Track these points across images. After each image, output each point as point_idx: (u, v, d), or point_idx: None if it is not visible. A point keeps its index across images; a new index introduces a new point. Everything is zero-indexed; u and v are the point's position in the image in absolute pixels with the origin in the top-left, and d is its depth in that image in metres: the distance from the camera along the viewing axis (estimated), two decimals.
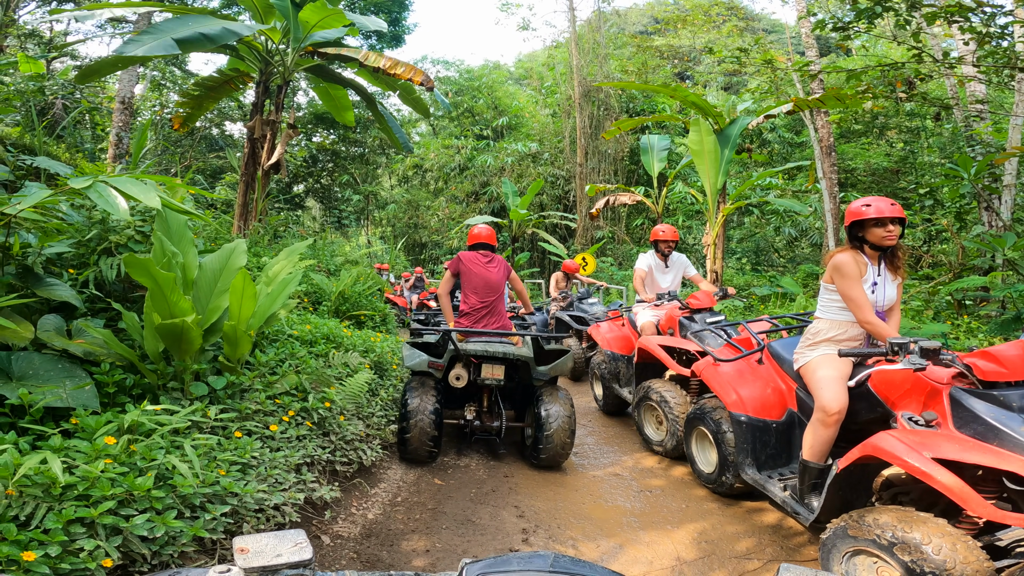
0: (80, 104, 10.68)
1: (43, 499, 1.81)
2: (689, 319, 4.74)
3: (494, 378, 4.04)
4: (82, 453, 1.98)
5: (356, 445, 3.57)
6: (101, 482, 1.85)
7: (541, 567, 0.64)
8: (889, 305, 2.91)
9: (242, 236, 8.09)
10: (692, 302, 4.78)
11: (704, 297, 4.80)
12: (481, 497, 3.70)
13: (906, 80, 6.78)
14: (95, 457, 1.97)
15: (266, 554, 0.69)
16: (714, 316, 4.69)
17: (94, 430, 2.12)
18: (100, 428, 2.11)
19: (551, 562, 0.65)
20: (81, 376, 2.45)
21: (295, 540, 0.71)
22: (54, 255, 3.11)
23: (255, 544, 0.70)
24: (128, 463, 2.05)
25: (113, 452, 1.99)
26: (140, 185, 2.04)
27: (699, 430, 3.73)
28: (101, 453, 1.98)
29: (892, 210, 2.74)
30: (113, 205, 1.93)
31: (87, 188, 1.95)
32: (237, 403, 2.82)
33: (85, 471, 1.85)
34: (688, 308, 4.80)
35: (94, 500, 1.84)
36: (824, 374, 2.73)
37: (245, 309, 2.69)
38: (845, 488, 2.52)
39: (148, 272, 2.28)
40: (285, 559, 0.68)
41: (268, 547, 0.70)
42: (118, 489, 1.88)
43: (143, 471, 2.04)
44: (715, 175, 9.07)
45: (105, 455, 1.99)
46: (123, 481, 1.91)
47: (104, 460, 1.93)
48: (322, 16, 7.52)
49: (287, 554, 0.69)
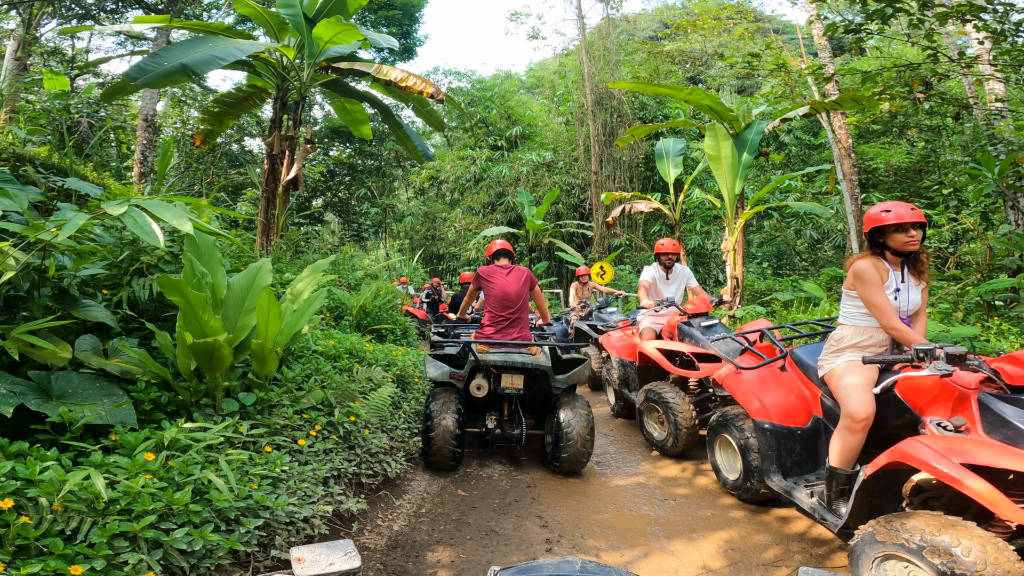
0: (105, 123, 10.96)
1: (87, 514, 1.87)
2: (687, 324, 5.01)
3: (513, 387, 4.14)
4: (123, 469, 2.05)
5: (381, 458, 3.62)
6: (142, 497, 1.91)
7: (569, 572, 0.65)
8: (914, 310, 2.88)
9: (265, 253, 8.23)
10: (688, 307, 5.10)
11: (699, 303, 5.10)
12: (504, 507, 3.72)
13: (923, 80, 6.71)
14: (136, 473, 2.04)
15: (320, 563, 0.73)
16: (708, 320, 4.97)
17: (133, 446, 2.19)
18: (139, 444, 2.18)
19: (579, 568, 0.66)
20: (119, 394, 2.53)
21: (345, 550, 0.77)
22: (88, 276, 3.22)
23: (310, 554, 0.75)
24: (167, 478, 2.11)
25: (153, 468, 2.06)
26: (172, 209, 2.11)
27: (723, 438, 3.72)
28: (141, 469, 2.05)
29: (913, 215, 2.72)
30: (150, 233, 2.00)
31: (123, 214, 2.02)
32: (266, 418, 2.89)
33: (127, 486, 1.92)
34: (685, 314, 5.09)
35: (136, 515, 1.90)
36: (850, 381, 2.71)
37: (272, 327, 2.75)
38: (873, 494, 2.50)
39: (181, 292, 2.36)
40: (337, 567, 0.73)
41: (322, 556, 0.75)
42: (158, 504, 1.94)
43: (181, 486, 2.11)
44: (733, 180, 9.03)
45: (145, 471, 2.05)
46: (163, 496, 1.97)
47: (145, 476, 1.99)
48: (336, 32, 7.66)
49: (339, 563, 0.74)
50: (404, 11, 20.95)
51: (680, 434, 4.45)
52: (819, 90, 13.46)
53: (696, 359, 4.55)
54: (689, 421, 4.45)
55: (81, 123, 10.68)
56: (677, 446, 4.50)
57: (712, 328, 4.85)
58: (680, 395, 4.57)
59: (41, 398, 2.42)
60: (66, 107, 10.79)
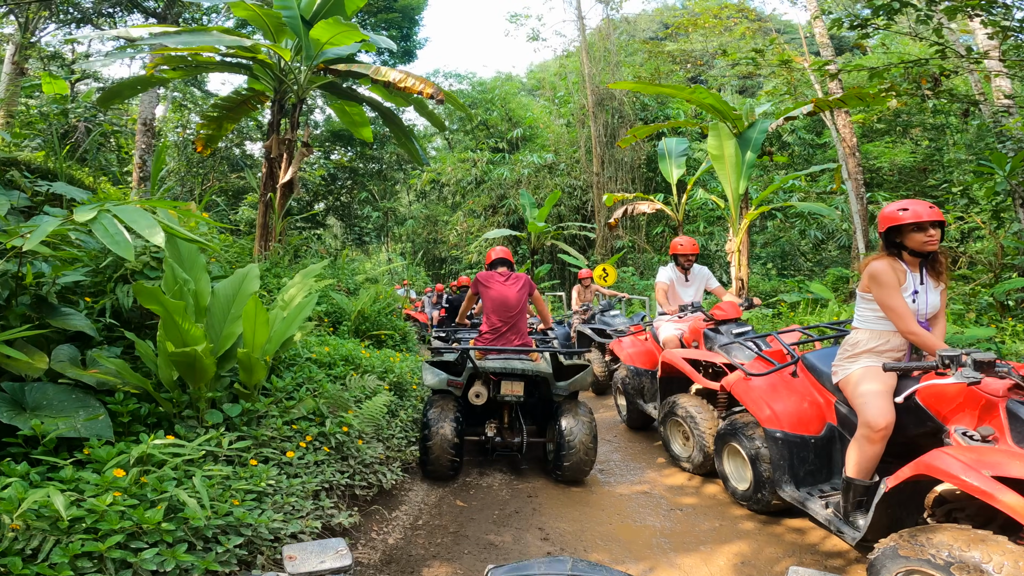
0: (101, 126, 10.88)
1: (50, 532, 1.76)
2: (714, 331, 4.59)
3: (513, 395, 4.03)
4: (92, 485, 1.93)
5: (376, 468, 3.49)
6: (109, 515, 1.80)
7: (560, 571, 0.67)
8: (932, 313, 2.74)
9: (262, 257, 8.12)
10: (717, 313, 4.64)
11: (729, 308, 4.65)
12: (504, 519, 3.59)
13: (931, 77, 6.56)
14: (105, 489, 1.92)
15: (311, 560, 0.75)
16: (740, 327, 4.53)
17: (105, 461, 2.06)
18: (111, 459, 2.06)
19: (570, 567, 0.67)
20: (95, 406, 2.41)
21: (336, 548, 0.78)
22: (71, 284, 3.10)
23: (301, 552, 0.76)
24: (139, 495, 1.99)
25: (123, 484, 1.94)
26: (146, 217, 1.99)
27: (731, 446, 3.57)
28: (111, 485, 1.93)
29: (931, 213, 2.58)
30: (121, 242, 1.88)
31: (92, 221, 1.90)
32: (253, 430, 2.76)
33: (93, 504, 1.80)
34: (712, 320, 4.65)
35: (103, 533, 1.78)
36: (867, 388, 2.56)
37: (259, 335, 2.63)
38: (894, 506, 2.36)
39: (158, 300, 2.23)
40: (328, 565, 0.74)
41: (313, 554, 0.76)
42: (127, 522, 1.83)
43: (154, 503, 1.98)
44: (737, 180, 8.88)
45: (115, 487, 1.93)
46: (132, 514, 1.86)
47: (113, 493, 1.87)
48: (334, 32, 7.55)
49: (330, 560, 0.75)
50: (404, 14, 20.87)
51: (706, 451, 4.08)
52: (822, 88, 13.33)
53: (728, 369, 4.08)
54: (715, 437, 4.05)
55: (78, 127, 10.60)
56: (704, 463, 4.12)
57: (744, 336, 4.37)
58: (707, 409, 4.18)
59: (14, 410, 2.30)
60: (63, 111, 10.72)
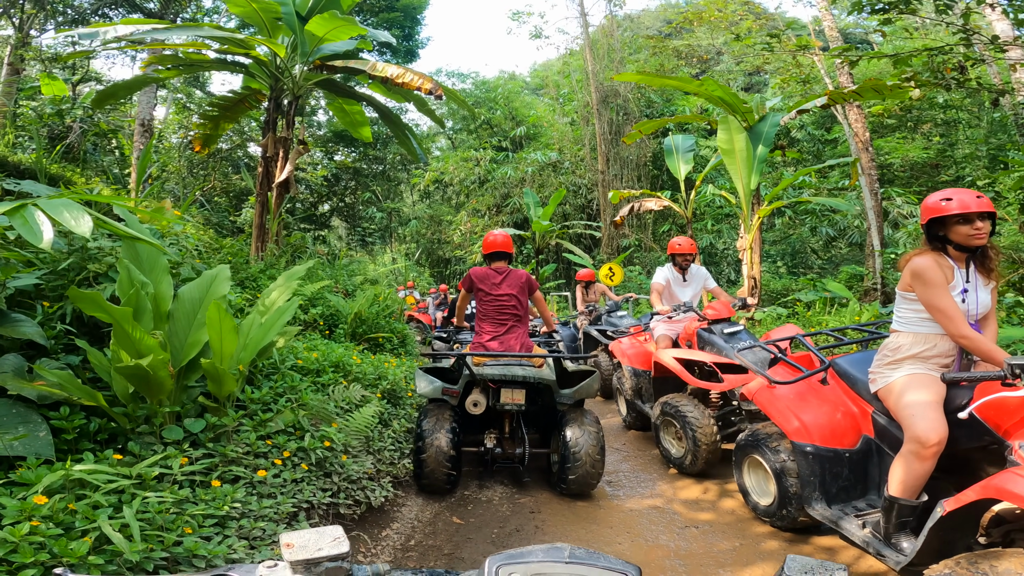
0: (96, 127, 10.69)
1: None
2: (707, 331, 4.53)
3: (514, 403, 3.74)
4: (12, 511, 1.67)
5: (363, 484, 3.21)
6: (23, 547, 1.53)
7: (558, 558, 0.66)
8: (983, 313, 2.43)
9: (259, 258, 7.88)
10: (708, 313, 4.63)
11: (721, 307, 4.63)
12: (504, 538, 3.30)
13: (957, 65, 6.22)
14: (26, 517, 1.65)
15: (309, 548, 0.72)
16: (732, 327, 4.47)
17: (32, 484, 1.79)
18: (40, 482, 1.79)
19: (567, 554, 0.67)
20: (36, 422, 2.14)
21: (334, 535, 0.75)
22: (29, 287, 2.84)
23: (299, 539, 0.74)
24: (68, 523, 1.73)
25: (43, 512, 1.67)
26: (73, 208, 1.73)
27: (752, 459, 3.26)
28: (32, 512, 1.66)
29: (979, 203, 2.29)
30: (35, 234, 1.62)
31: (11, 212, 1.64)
32: (221, 446, 2.48)
33: (5, 534, 1.54)
34: (705, 320, 4.61)
35: (16, 566, 1.52)
36: (915, 398, 2.25)
37: (227, 343, 2.35)
38: (947, 528, 2.06)
39: (101, 307, 1.96)
40: (326, 552, 0.72)
41: (311, 542, 0.74)
42: (43, 555, 1.56)
43: (86, 532, 1.72)
44: (748, 175, 8.55)
45: (38, 515, 1.66)
46: (54, 545, 1.59)
47: (31, 522, 1.61)
48: (331, 27, 7.31)
49: (327, 548, 0.73)
50: (405, 13, 20.67)
51: (700, 451, 4.01)
52: (833, 82, 12.99)
53: (719, 369, 4.08)
54: (710, 437, 4.00)
55: (73, 128, 10.41)
56: (696, 464, 4.06)
57: (736, 335, 4.37)
58: (700, 409, 4.13)
59: None
60: (58, 112, 10.54)
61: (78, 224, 1.69)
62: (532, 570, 0.66)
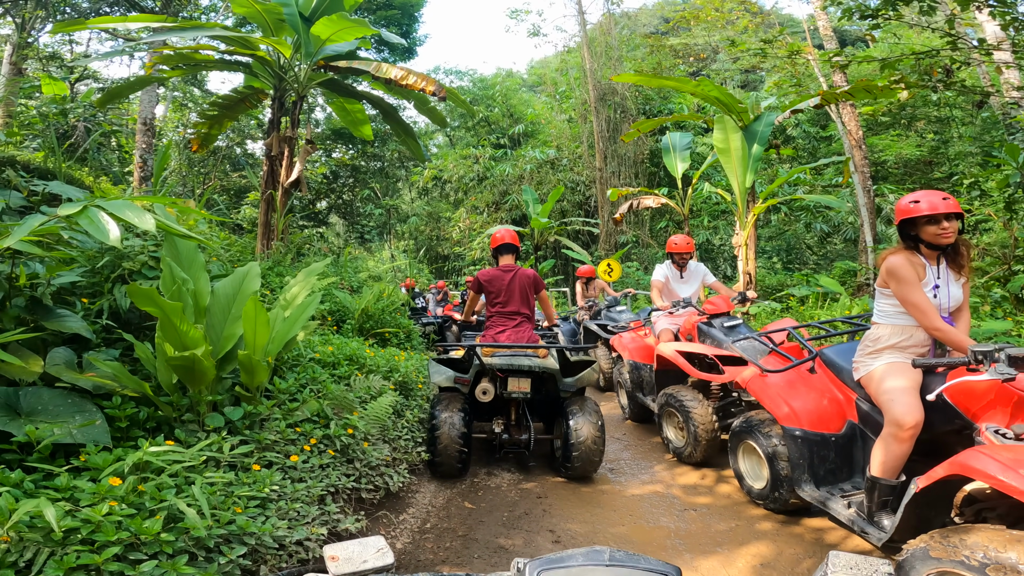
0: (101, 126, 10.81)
1: (44, 544, 1.67)
2: (707, 325, 4.72)
3: (520, 391, 4.00)
4: (88, 494, 1.85)
5: (382, 471, 3.41)
6: (105, 526, 1.72)
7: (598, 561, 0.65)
8: (956, 306, 2.64)
9: (265, 256, 8.04)
10: (707, 307, 4.80)
11: (720, 302, 4.80)
12: (513, 521, 3.51)
13: (944, 68, 6.44)
14: (101, 498, 1.84)
15: (354, 560, 0.73)
16: (731, 320, 4.65)
17: (101, 469, 1.98)
18: (108, 466, 1.97)
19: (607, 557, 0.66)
20: (91, 411, 2.33)
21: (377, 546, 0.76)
22: (67, 284, 3.02)
23: (343, 552, 0.75)
24: (137, 504, 1.91)
25: (119, 493, 1.85)
26: (135, 209, 1.91)
27: (746, 444, 3.48)
28: (107, 494, 1.85)
29: (946, 205, 2.48)
30: (104, 232, 1.80)
31: (78, 215, 1.82)
32: (256, 433, 2.68)
33: (88, 514, 1.72)
34: (704, 314, 4.79)
35: (99, 545, 1.70)
36: (893, 384, 2.47)
37: (260, 336, 2.54)
38: (922, 506, 2.27)
39: (154, 302, 2.15)
40: (371, 564, 0.73)
41: (355, 554, 0.75)
42: (124, 533, 1.74)
43: (153, 512, 1.90)
44: (743, 173, 8.76)
45: (112, 496, 1.85)
46: (130, 524, 1.77)
47: (109, 502, 1.79)
48: (336, 28, 7.45)
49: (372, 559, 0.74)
50: (403, 11, 20.74)
51: (700, 441, 4.21)
52: (827, 81, 13.19)
53: (720, 361, 4.26)
54: (709, 428, 4.19)
55: (77, 127, 10.54)
56: (696, 454, 4.26)
57: (735, 328, 4.55)
58: (700, 400, 4.30)
59: (8, 416, 2.22)
60: (62, 111, 10.65)
61: (142, 222, 1.87)
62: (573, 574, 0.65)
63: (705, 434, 4.19)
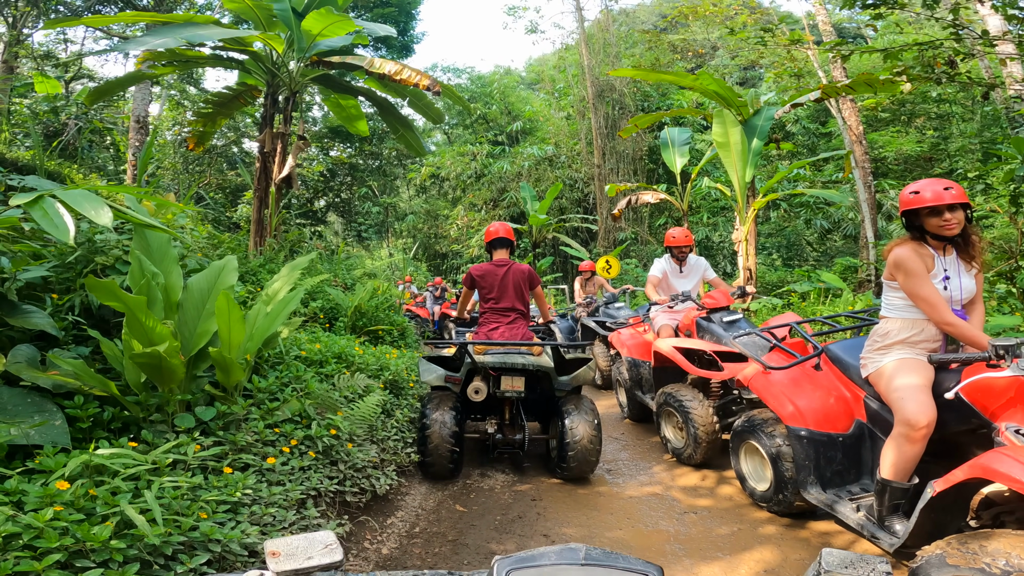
0: (91, 124, 10.67)
1: None
2: (706, 320, 4.57)
3: (514, 390, 3.87)
4: (33, 498, 1.72)
5: (368, 473, 3.27)
6: (47, 532, 1.58)
7: (573, 560, 0.63)
8: (968, 299, 2.50)
9: (258, 253, 7.91)
10: (707, 302, 4.66)
11: (719, 296, 4.66)
12: (506, 525, 3.37)
13: (948, 59, 6.29)
14: (48, 502, 1.71)
15: (297, 556, 0.68)
16: (731, 315, 4.51)
17: (52, 471, 1.85)
18: (59, 470, 1.84)
19: (582, 555, 0.63)
20: (51, 411, 2.19)
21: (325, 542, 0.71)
22: (38, 279, 2.88)
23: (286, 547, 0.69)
24: (88, 509, 1.78)
25: (66, 497, 1.72)
26: (93, 200, 1.77)
27: (749, 444, 3.33)
28: (54, 498, 1.71)
29: (949, 195, 2.34)
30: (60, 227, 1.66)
31: (30, 205, 1.68)
32: (231, 435, 2.53)
33: (30, 519, 1.59)
34: (704, 308, 4.65)
35: (41, 551, 1.57)
36: (904, 382, 2.32)
37: (235, 333, 2.40)
38: (937, 510, 2.13)
39: (116, 296, 2.01)
40: (316, 561, 0.68)
41: (299, 549, 0.69)
42: (68, 539, 1.61)
43: (106, 518, 1.77)
44: (743, 168, 8.62)
45: (59, 501, 1.72)
46: (76, 530, 1.64)
47: (54, 507, 1.66)
48: (327, 23, 7.32)
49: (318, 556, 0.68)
50: (400, 8, 20.58)
51: (699, 442, 4.04)
52: (827, 76, 13.05)
53: (719, 358, 4.08)
54: (709, 428, 4.02)
55: (68, 125, 10.41)
56: (697, 455, 4.09)
57: (735, 324, 4.39)
58: (699, 399, 4.14)
59: None
60: (53, 109, 10.52)
61: (98, 215, 1.73)
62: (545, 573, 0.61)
63: (705, 435, 4.02)
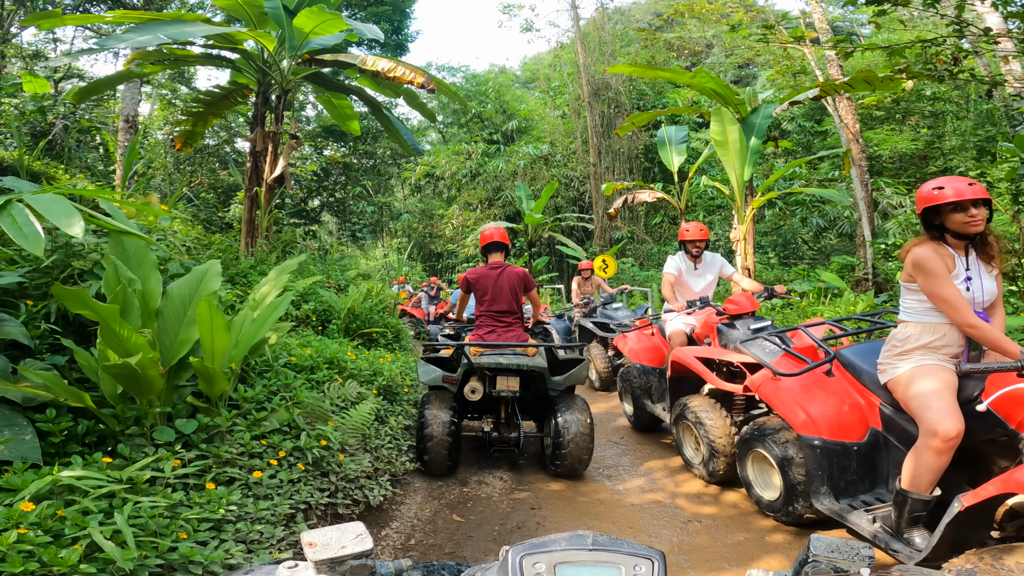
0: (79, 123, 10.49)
1: None
2: (729, 326, 4.13)
3: (509, 390, 3.96)
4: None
5: (361, 483, 3.14)
6: (11, 556, 1.46)
7: (581, 545, 0.66)
8: (990, 301, 2.39)
9: (249, 254, 7.76)
10: (729, 307, 4.19)
11: (744, 300, 4.18)
12: (505, 536, 3.25)
13: (951, 56, 6.21)
14: (14, 524, 1.58)
15: (332, 546, 0.71)
16: (758, 322, 4.04)
17: (19, 489, 1.71)
18: (27, 489, 1.70)
19: (590, 541, 0.67)
20: (21, 424, 2.05)
21: (356, 532, 0.74)
22: (13, 286, 2.74)
23: (321, 538, 0.72)
24: (58, 530, 1.65)
25: (32, 519, 1.60)
26: (63, 205, 1.63)
27: (756, 452, 3.21)
28: (19, 520, 1.58)
29: (973, 191, 2.26)
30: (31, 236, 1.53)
31: None
32: (215, 447, 2.40)
33: None
34: (725, 313, 4.21)
35: None
36: (927, 388, 2.21)
37: (218, 341, 2.27)
38: (962, 523, 2.03)
39: (87, 304, 1.87)
40: (349, 550, 0.71)
41: (333, 540, 0.72)
42: (32, 564, 1.48)
43: (76, 539, 1.64)
44: (741, 166, 8.53)
45: (24, 523, 1.59)
46: (42, 554, 1.52)
47: (18, 530, 1.53)
48: (318, 21, 7.20)
49: (351, 545, 0.71)
50: (394, 7, 20.40)
51: (717, 458, 3.69)
52: (824, 74, 12.98)
53: (747, 369, 3.64)
54: (727, 443, 3.67)
55: (55, 125, 10.20)
56: (715, 473, 3.74)
57: (763, 331, 3.87)
58: (717, 412, 3.79)
59: None
60: (40, 109, 10.31)
61: (69, 223, 1.60)
62: (556, 559, 0.65)
63: (723, 451, 3.68)
